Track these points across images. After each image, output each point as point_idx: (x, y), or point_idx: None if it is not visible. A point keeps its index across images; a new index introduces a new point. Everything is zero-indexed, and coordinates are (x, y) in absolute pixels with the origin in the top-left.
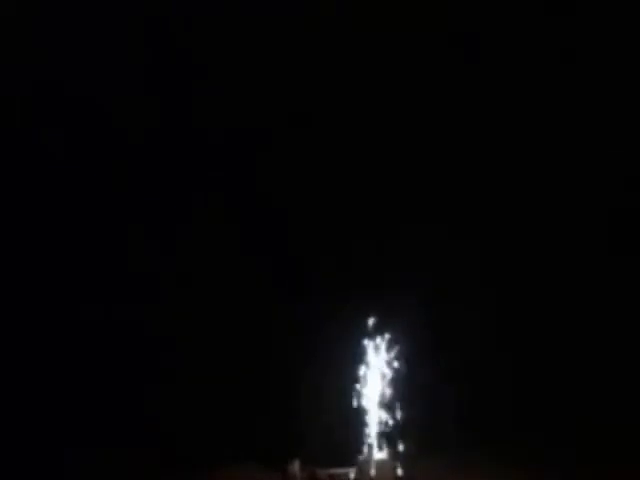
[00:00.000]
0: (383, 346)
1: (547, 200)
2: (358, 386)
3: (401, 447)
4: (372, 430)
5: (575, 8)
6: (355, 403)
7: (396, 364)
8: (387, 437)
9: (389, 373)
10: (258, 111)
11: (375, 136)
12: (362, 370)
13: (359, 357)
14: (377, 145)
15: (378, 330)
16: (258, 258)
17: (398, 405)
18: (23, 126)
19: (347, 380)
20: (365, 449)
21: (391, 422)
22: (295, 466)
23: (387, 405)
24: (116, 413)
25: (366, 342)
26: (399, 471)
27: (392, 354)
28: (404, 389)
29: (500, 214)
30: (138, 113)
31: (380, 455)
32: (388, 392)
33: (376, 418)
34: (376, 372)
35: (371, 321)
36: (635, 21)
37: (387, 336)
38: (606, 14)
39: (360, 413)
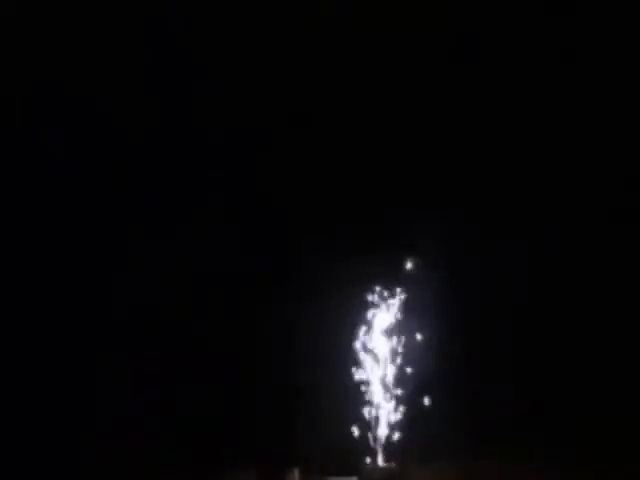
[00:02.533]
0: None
1: (547, 200)
2: (361, 384)
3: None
4: (378, 433)
5: (575, 8)
6: (359, 403)
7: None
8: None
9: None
10: (258, 111)
11: (375, 136)
12: (364, 368)
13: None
14: (377, 145)
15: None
16: (258, 258)
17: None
18: (22, 126)
19: (349, 378)
20: (370, 455)
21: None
22: (295, 475)
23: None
24: (116, 413)
25: (367, 343)
26: None
27: (394, 354)
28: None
29: (500, 214)
30: (138, 113)
31: (386, 463)
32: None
33: (382, 418)
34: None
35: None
36: (635, 21)
37: (387, 336)
38: (606, 14)
39: (364, 413)
